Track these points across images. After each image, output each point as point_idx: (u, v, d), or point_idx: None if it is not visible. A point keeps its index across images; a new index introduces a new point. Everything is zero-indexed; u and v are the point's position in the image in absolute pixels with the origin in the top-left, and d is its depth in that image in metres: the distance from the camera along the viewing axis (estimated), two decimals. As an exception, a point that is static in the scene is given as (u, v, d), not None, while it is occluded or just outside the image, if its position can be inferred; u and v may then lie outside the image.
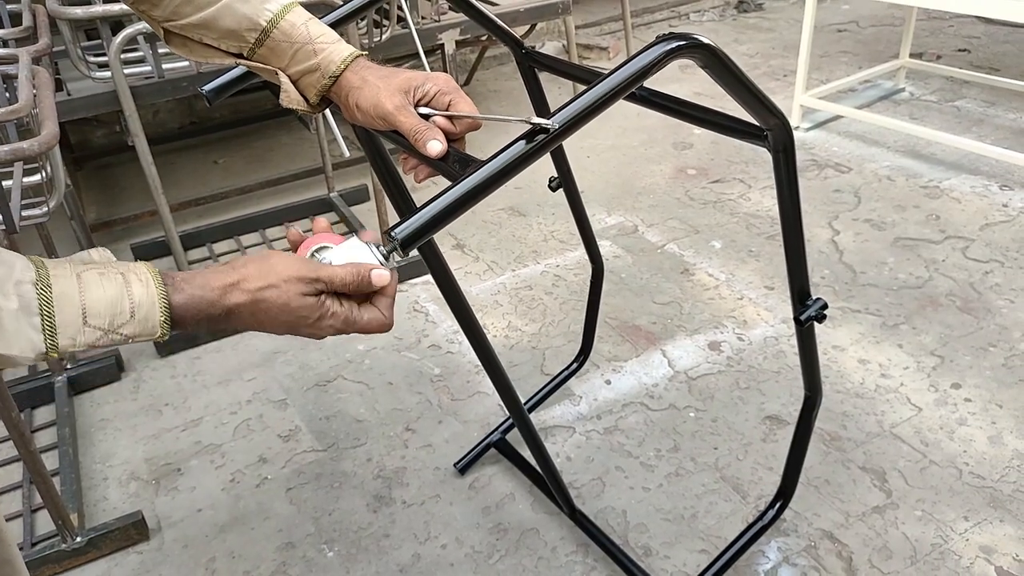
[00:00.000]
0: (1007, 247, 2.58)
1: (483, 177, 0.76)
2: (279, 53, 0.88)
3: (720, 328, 2.31)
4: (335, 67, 0.88)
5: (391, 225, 0.74)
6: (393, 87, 0.87)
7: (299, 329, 0.74)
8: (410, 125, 0.86)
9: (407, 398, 2.12)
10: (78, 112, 2.43)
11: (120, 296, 0.65)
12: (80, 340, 0.64)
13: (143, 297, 0.66)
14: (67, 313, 0.63)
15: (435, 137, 0.85)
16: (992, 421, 1.92)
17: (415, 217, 0.74)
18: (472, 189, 0.76)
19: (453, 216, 0.76)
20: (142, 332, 0.66)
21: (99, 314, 0.64)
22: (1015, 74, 3.77)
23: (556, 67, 1.29)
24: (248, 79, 1.05)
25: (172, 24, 0.88)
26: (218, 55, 0.90)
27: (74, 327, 0.63)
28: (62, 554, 1.69)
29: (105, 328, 0.64)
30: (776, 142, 1.04)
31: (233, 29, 0.87)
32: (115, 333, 0.65)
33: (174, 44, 0.91)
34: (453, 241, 2.83)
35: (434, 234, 0.76)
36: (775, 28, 4.90)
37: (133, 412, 2.13)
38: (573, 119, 0.79)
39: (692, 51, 0.85)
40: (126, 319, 0.65)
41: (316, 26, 0.89)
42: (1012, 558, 1.60)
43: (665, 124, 3.58)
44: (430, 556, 1.69)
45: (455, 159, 0.84)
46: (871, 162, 3.19)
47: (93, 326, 0.64)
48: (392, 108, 0.86)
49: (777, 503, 1.63)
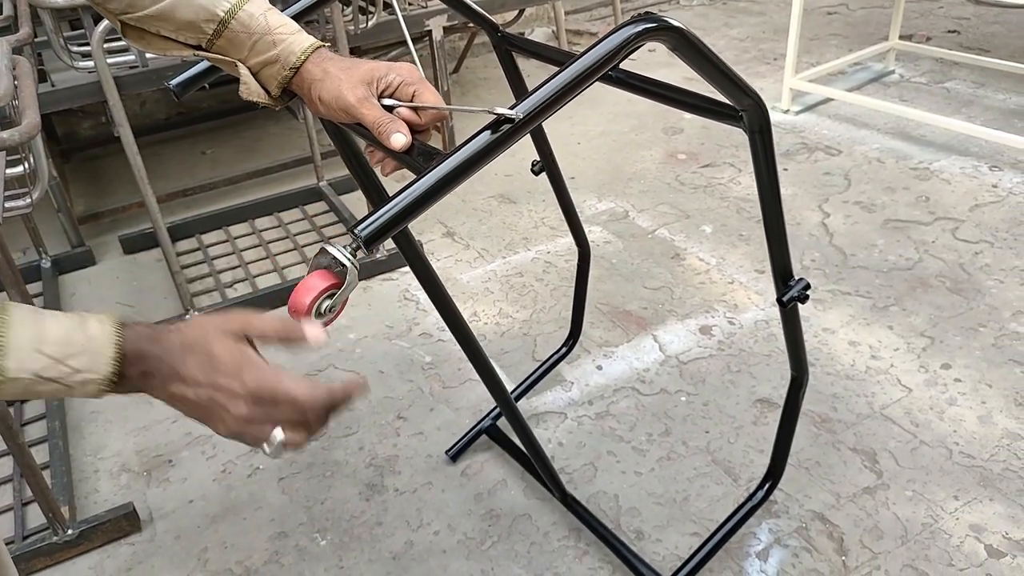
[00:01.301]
0: (997, 227, 2.58)
1: (447, 170, 0.75)
2: (238, 44, 0.87)
3: (711, 312, 2.31)
4: (295, 58, 0.86)
5: (354, 222, 0.73)
6: (355, 79, 0.85)
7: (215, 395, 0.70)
8: (373, 117, 0.84)
9: (398, 386, 2.12)
10: (62, 103, 2.41)
11: (76, 328, 0.65)
12: (28, 366, 0.62)
13: (98, 332, 0.66)
14: (21, 336, 0.63)
15: (398, 130, 0.83)
16: (982, 401, 1.93)
17: (378, 213, 0.72)
18: (437, 183, 0.74)
19: (419, 211, 0.74)
20: (90, 367, 0.65)
21: (53, 341, 0.64)
22: (1004, 55, 3.77)
23: (532, 50, 1.28)
24: (216, 72, 1.03)
25: (129, 16, 0.86)
26: (176, 47, 0.88)
27: (25, 351, 0.62)
28: (53, 547, 1.68)
29: (56, 357, 0.63)
30: (752, 122, 1.03)
31: (191, 20, 0.85)
32: (63, 364, 0.64)
33: (131, 37, 0.89)
34: (443, 229, 2.82)
35: (399, 230, 0.75)
36: (765, 12, 4.88)
37: (123, 404, 2.12)
38: (537, 108, 0.78)
39: (660, 33, 0.84)
40: (77, 350, 0.64)
41: (275, 16, 0.88)
42: (1002, 536, 1.61)
43: (655, 110, 3.57)
44: (423, 543, 1.69)
45: (419, 152, 0.82)
46: (861, 144, 3.19)
47: (44, 353, 0.63)
48: (354, 100, 0.84)
49: (766, 483, 1.63)
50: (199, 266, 2.71)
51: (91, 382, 0.66)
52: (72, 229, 2.77)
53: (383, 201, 0.74)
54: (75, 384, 0.65)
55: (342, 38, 2.39)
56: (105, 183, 3.33)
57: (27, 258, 2.75)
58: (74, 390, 0.66)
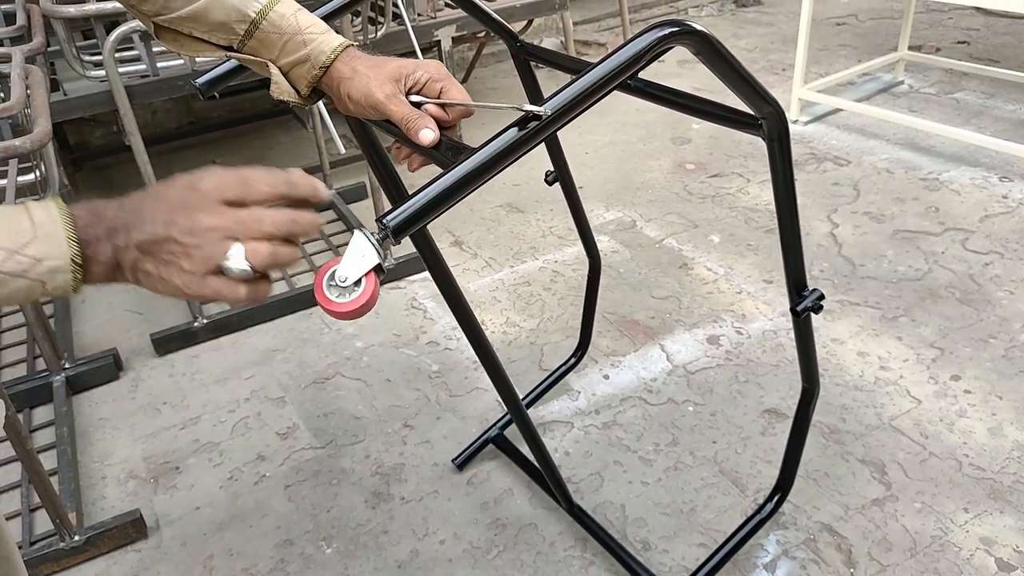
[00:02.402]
0: (1007, 238, 2.57)
1: (475, 164, 0.75)
2: (268, 45, 0.88)
3: (719, 322, 2.30)
4: (325, 57, 0.87)
5: (383, 212, 0.73)
6: (384, 76, 0.86)
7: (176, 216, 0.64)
8: (401, 114, 0.85)
9: (405, 394, 2.12)
10: (74, 112, 2.43)
11: (18, 214, 0.62)
12: None
13: (44, 217, 0.62)
14: None
15: (427, 125, 0.84)
16: (992, 412, 1.91)
17: (407, 204, 0.73)
18: (464, 176, 0.75)
19: (446, 204, 0.75)
20: (50, 252, 0.61)
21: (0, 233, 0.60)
22: (1014, 65, 3.76)
23: (550, 59, 1.29)
24: (241, 72, 1.04)
25: (162, 18, 0.88)
26: (208, 48, 0.89)
27: None
28: (60, 553, 1.69)
29: (9, 248, 0.60)
30: (771, 130, 1.03)
31: (223, 21, 0.87)
32: (20, 255, 0.60)
33: (164, 39, 0.90)
34: (451, 238, 2.82)
35: (427, 222, 0.75)
36: (774, 22, 4.88)
37: (131, 411, 2.13)
38: (566, 106, 0.79)
39: (685, 37, 0.84)
40: (29, 238, 0.61)
41: (305, 16, 0.89)
42: (1012, 549, 1.59)
43: (663, 119, 3.57)
44: (428, 552, 1.68)
45: (447, 147, 0.83)
46: (870, 155, 3.18)
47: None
48: (383, 97, 0.85)
49: (775, 496, 1.62)
50: (208, 274, 2.72)
51: (58, 270, 0.61)
52: (82, 237, 2.78)
53: (410, 194, 0.75)
54: (44, 276, 0.61)
55: (351, 48, 2.41)
56: (116, 191, 3.30)
57: (38, 265, 2.77)
58: (46, 284, 0.62)
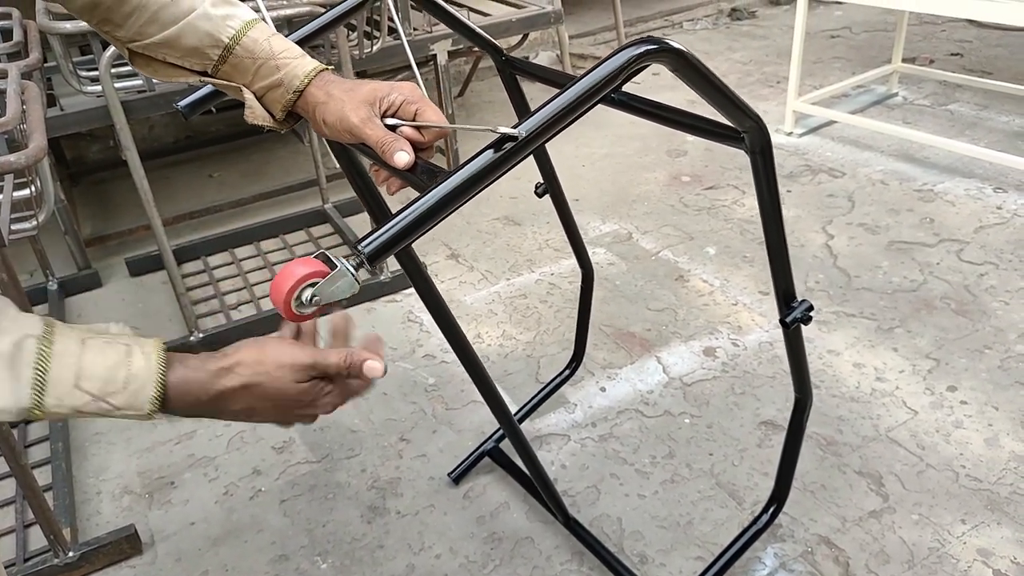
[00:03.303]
0: (1002, 249, 2.57)
1: (450, 188, 0.74)
2: (242, 69, 0.88)
3: (715, 334, 2.30)
4: (299, 82, 0.87)
5: (359, 238, 0.73)
6: (358, 100, 0.86)
7: (292, 414, 0.75)
8: (377, 137, 0.85)
9: (401, 408, 2.11)
10: (71, 127, 2.44)
11: (119, 364, 0.65)
12: (67, 402, 0.62)
13: (142, 370, 0.66)
14: (61, 371, 0.63)
15: (402, 148, 0.84)
16: (988, 423, 1.91)
17: (382, 230, 0.72)
18: (440, 200, 0.74)
19: (422, 228, 0.74)
20: (131, 405, 0.65)
21: (93, 377, 0.63)
22: (1008, 77, 3.78)
23: (535, 73, 1.29)
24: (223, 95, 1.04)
25: (136, 44, 0.88)
26: (182, 74, 0.90)
27: (64, 387, 0.62)
28: (54, 569, 1.68)
29: (95, 394, 0.63)
30: (753, 143, 1.03)
31: (196, 47, 0.87)
32: (103, 401, 0.64)
33: (138, 64, 0.90)
34: (447, 251, 2.83)
35: (403, 247, 0.75)
36: (768, 35, 4.91)
37: (126, 426, 2.12)
38: (540, 127, 0.78)
39: (661, 55, 0.84)
40: (118, 388, 0.64)
41: (279, 42, 0.89)
42: (1010, 561, 1.59)
43: (659, 132, 3.58)
44: (424, 566, 1.68)
45: (423, 170, 0.82)
46: (864, 166, 3.19)
47: (84, 389, 0.63)
48: (358, 121, 0.85)
49: (771, 507, 1.62)
50: (204, 288, 2.72)
51: (132, 416, 0.66)
52: (79, 252, 2.78)
53: (386, 219, 0.74)
54: (114, 415, 0.65)
55: (347, 63, 2.42)
56: (112, 206, 3.35)
57: (34, 280, 2.77)
58: (112, 417, 0.67)
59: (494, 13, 3.23)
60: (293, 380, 0.72)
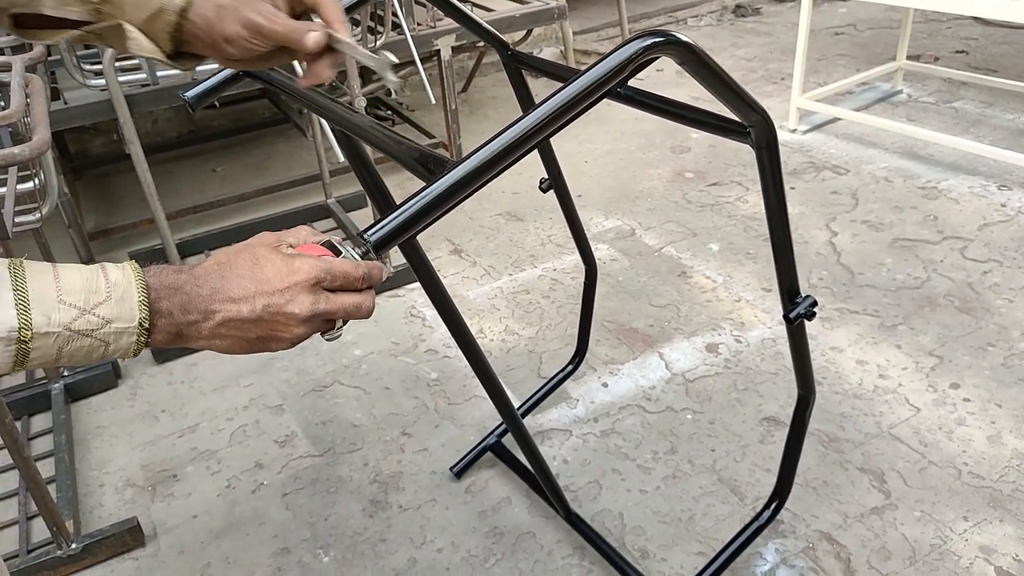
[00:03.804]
0: (1005, 247, 2.57)
1: (458, 177, 0.74)
2: (120, 4, 0.81)
3: (717, 330, 2.30)
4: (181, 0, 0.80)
5: (365, 227, 0.72)
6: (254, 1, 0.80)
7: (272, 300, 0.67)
8: (287, 28, 0.80)
9: (404, 402, 2.12)
10: (75, 121, 2.44)
11: (95, 275, 0.62)
12: (55, 318, 0.60)
13: (119, 278, 0.63)
14: (42, 287, 0.60)
15: (311, 29, 0.79)
16: (991, 421, 1.91)
17: (388, 218, 0.72)
18: (446, 190, 0.74)
19: (428, 218, 0.74)
20: (120, 315, 0.62)
21: (74, 291, 0.61)
22: (1013, 75, 3.77)
23: (541, 67, 1.29)
24: (232, 84, 1.04)
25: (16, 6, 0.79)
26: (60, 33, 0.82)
27: (49, 302, 0.60)
28: (57, 561, 1.68)
29: (81, 306, 0.61)
30: (759, 138, 1.03)
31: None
32: (91, 314, 0.61)
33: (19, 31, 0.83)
34: (451, 246, 2.83)
35: (410, 236, 0.75)
36: (773, 32, 4.90)
37: (130, 419, 2.13)
38: (545, 119, 0.77)
39: (668, 47, 0.84)
40: (102, 298, 0.61)
41: None
42: (1012, 558, 1.58)
43: (662, 129, 3.58)
44: (426, 560, 1.68)
45: (430, 160, 0.83)
46: (869, 164, 3.18)
47: (69, 303, 0.60)
48: (263, 20, 0.79)
49: (773, 503, 1.62)
50: (207, 282, 2.72)
51: (124, 332, 0.62)
52: (82, 245, 2.78)
53: (393, 208, 0.74)
54: (108, 337, 0.62)
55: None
56: (116, 200, 3.35)
57: (37, 273, 2.77)
58: (109, 346, 0.62)
59: (498, 8, 3.22)
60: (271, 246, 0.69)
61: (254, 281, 0.67)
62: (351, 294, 0.71)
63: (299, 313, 0.68)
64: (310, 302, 0.68)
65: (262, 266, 0.68)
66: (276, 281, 0.67)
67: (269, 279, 0.67)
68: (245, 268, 0.67)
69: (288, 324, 0.68)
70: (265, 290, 0.67)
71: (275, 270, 0.68)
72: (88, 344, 0.62)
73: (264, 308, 0.67)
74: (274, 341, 0.69)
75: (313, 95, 0.98)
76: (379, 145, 0.86)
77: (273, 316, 0.67)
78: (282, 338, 0.69)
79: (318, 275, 0.69)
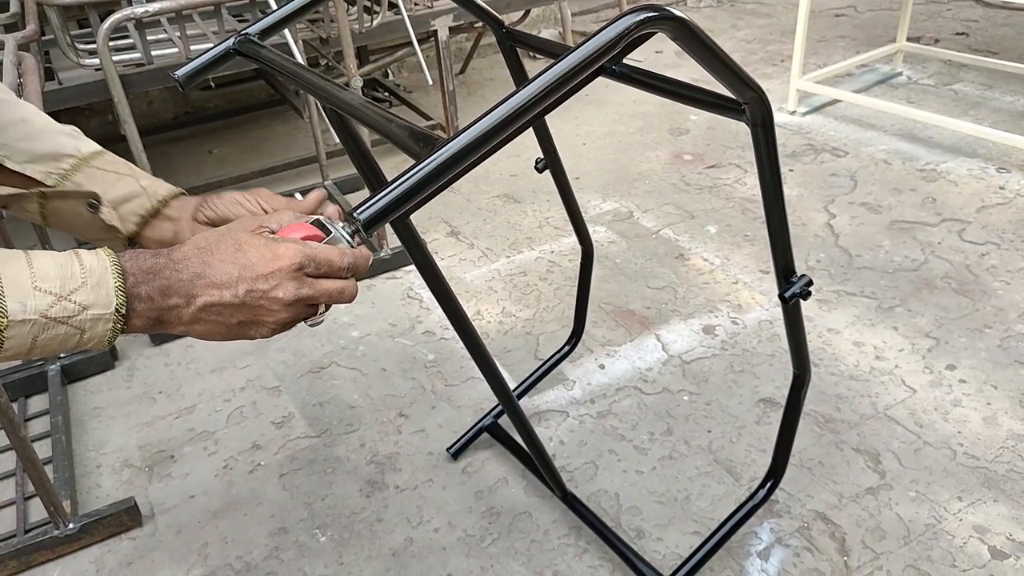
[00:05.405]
0: (1004, 229, 2.56)
1: (449, 154, 0.73)
2: (98, 180, 0.84)
3: (715, 312, 2.30)
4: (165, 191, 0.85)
5: (354, 206, 0.72)
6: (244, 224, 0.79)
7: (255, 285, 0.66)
8: None
9: (400, 384, 2.12)
10: (69, 101, 2.42)
11: (69, 261, 0.62)
12: (31, 305, 0.58)
13: (94, 264, 0.62)
14: (16, 273, 0.59)
15: None
16: (987, 402, 1.91)
17: (377, 197, 0.71)
18: (436, 168, 0.72)
19: (419, 196, 0.72)
20: (97, 301, 0.61)
21: (49, 277, 0.60)
22: (1013, 57, 3.75)
23: (536, 45, 1.28)
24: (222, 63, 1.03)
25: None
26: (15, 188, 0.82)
27: (24, 289, 0.58)
28: (55, 540, 1.69)
29: (57, 292, 0.59)
30: (754, 116, 1.02)
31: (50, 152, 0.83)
32: (68, 301, 0.60)
33: None
34: (448, 228, 2.82)
35: (400, 215, 0.74)
36: (773, 14, 4.87)
37: (127, 400, 2.13)
38: (536, 96, 0.76)
39: (662, 23, 0.83)
40: (78, 284, 0.60)
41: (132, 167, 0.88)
42: (1005, 537, 1.59)
43: (661, 111, 3.56)
44: (423, 540, 1.69)
45: (421, 137, 0.82)
46: (868, 146, 3.17)
47: (44, 290, 0.59)
48: None
49: (768, 483, 1.62)
50: (204, 264, 2.71)
51: (100, 319, 0.61)
52: (78, 226, 2.77)
53: (382, 186, 0.73)
54: (84, 324, 0.60)
55: (346, 36, 2.39)
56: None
57: (33, 255, 2.76)
58: (84, 334, 0.61)
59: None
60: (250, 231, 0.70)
61: (237, 266, 0.66)
62: (334, 280, 0.71)
63: (283, 297, 0.67)
64: (294, 287, 0.68)
65: (245, 251, 0.67)
66: (260, 266, 0.67)
67: (252, 264, 0.67)
68: (227, 253, 0.67)
69: (271, 309, 0.68)
70: (248, 275, 0.66)
71: (259, 255, 0.67)
72: (63, 332, 0.60)
73: (247, 293, 0.66)
74: (255, 327, 0.69)
75: (305, 74, 0.97)
76: (370, 123, 0.85)
77: (256, 301, 0.67)
78: (264, 323, 0.68)
79: (301, 261, 0.68)
